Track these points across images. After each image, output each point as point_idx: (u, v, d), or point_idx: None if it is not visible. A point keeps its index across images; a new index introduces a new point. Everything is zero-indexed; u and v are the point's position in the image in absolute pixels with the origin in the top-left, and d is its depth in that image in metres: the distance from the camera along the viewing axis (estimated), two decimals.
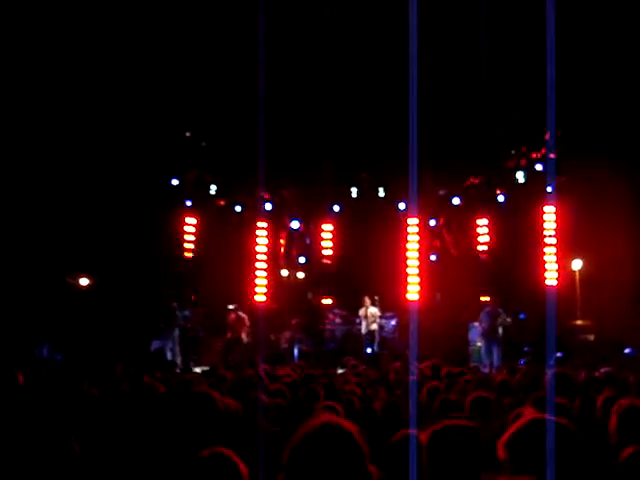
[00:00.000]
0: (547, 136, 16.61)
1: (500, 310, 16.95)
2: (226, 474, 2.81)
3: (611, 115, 16.80)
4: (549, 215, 17.26)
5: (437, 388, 7.28)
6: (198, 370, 12.86)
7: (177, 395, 6.51)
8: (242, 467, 2.86)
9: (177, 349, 17.16)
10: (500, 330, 16.76)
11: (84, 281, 19.07)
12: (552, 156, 17.20)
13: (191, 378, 8.81)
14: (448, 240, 19.54)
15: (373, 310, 18.29)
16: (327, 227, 19.42)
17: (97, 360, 12.35)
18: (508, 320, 16.85)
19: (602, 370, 10.47)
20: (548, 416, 2.72)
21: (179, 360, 16.53)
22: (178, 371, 12.87)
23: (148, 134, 17.27)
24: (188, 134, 18.72)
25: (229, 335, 17.53)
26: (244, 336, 17.52)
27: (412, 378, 8.60)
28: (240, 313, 17.66)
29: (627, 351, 16.16)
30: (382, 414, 6.09)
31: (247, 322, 17.60)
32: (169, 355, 16.78)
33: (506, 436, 2.68)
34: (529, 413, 3.92)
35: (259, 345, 16.95)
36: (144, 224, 17.14)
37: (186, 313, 17.96)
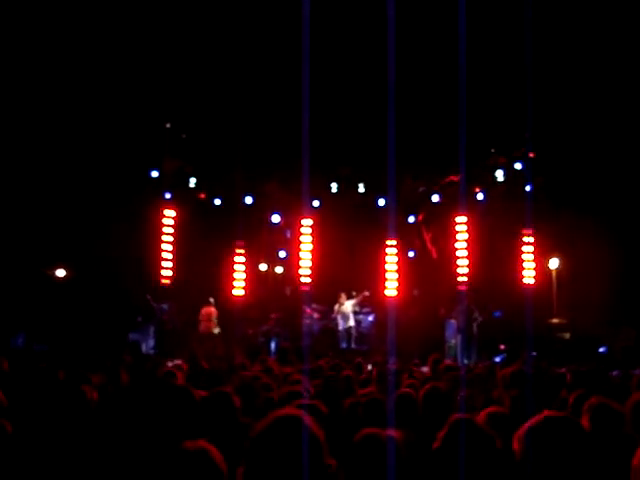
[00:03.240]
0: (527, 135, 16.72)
1: (473, 307, 17.03)
2: (207, 471, 2.78)
3: (591, 119, 16.95)
4: (527, 214, 17.32)
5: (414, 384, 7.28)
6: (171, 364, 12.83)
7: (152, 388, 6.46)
8: (222, 464, 2.82)
9: (153, 342, 17.11)
10: (475, 327, 16.84)
11: (61, 272, 18.94)
12: (531, 155, 17.29)
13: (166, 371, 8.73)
14: (426, 237, 19.57)
15: (350, 302, 18.27)
16: (306, 222, 19.34)
17: (74, 351, 12.27)
18: (480, 318, 16.92)
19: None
20: (563, 415, 2.78)
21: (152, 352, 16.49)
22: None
23: (128, 125, 17.15)
24: (168, 125, 18.55)
25: (201, 328, 17.49)
26: (214, 329, 17.49)
27: (390, 373, 8.60)
28: (210, 307, 17.60)
29: (601, 350, 16.33)
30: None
31: (215, 314, 17.56)
32: (144, 348, 16.71)
33: (522, 430, 2.72)
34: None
35: (235, 339, 16.89)
36: (122, 216, 17.02)
37: (163, 306, 17.87)
